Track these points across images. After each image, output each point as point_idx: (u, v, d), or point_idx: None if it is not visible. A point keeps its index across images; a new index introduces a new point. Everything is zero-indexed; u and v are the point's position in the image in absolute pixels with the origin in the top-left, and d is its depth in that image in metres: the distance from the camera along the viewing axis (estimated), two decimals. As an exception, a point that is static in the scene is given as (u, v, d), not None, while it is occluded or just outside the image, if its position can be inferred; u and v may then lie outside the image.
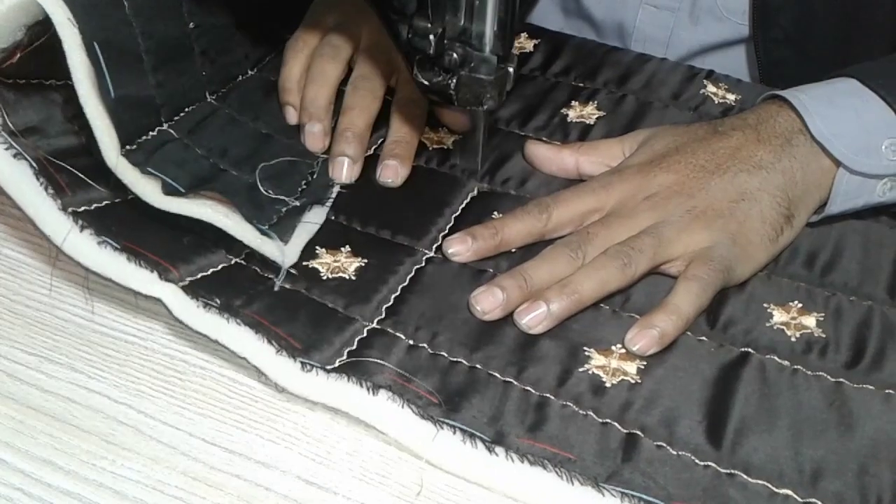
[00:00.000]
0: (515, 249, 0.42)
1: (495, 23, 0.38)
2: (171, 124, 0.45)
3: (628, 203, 0.42)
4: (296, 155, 0.46)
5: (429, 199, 0.45)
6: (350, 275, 0.39)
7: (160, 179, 0.38)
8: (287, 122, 0.50)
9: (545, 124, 0.52)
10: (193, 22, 0.46)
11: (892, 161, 0.42)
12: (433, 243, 0.42)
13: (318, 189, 0.44)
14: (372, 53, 0.49)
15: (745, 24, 0.58)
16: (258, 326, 0.35)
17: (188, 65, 0.46)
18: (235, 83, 0.52)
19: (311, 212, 0.42)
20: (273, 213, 0.41)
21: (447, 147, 0.50)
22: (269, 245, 0.38)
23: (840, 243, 0.43)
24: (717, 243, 0.39)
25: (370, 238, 0.42)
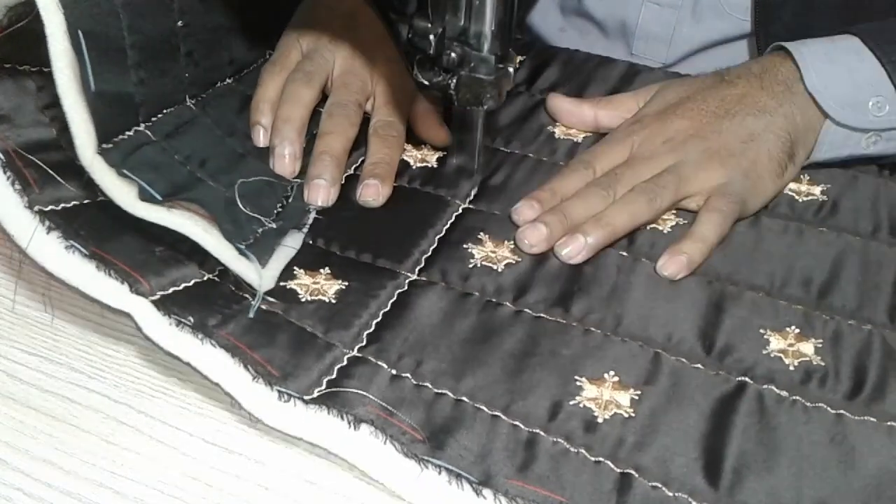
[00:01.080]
0: (519, 259, 0.41)
1: (494, 22, 0.38)
2: (149, 125, 0.43)
3: (649, 147, 0.46)
4: (272, 176, 0.44)
5: (411, 220, 0.43)
6: (330, 298, 0.37)
7: (136, 183, 0.36)
8: None
9: (531, 141, 0.51)
10: (183, 21, 0.44)
11: (876, 117, 0.45)
12: (416, 266, 0.41)
13: (295, 213, 0.42)
14: (346, 79, 0.49)
15: (747, 20, 0.59)
16: (234, 350, 0.33)
17: (172, 65, 0.44)
18: (215, 89, 0.50)
19: (289, 236, 0.40)
20: (250, 233, 0.39)
21: (431, 166, 0.48)
22: (246, 267, 0.36)
23: (838, 263, 0.42)
24: (731, 179, 0.44)
25: (350, 262, 0.40)
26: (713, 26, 0.61)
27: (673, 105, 0.48)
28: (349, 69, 0.49)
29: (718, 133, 0.45)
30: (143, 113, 0.43)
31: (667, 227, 0.44)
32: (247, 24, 0.51)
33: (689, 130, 0.46)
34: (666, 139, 0.46)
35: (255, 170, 0.44)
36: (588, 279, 0.41)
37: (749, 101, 0.46)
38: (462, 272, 0.40)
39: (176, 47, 0.44)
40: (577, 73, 0.57)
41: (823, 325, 0.39)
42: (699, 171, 0.44)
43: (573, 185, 0.45)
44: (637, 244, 0.43)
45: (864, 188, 0.47)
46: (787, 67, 0.47)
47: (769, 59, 0.49)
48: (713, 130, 0.45)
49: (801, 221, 0.45)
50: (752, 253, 0.43)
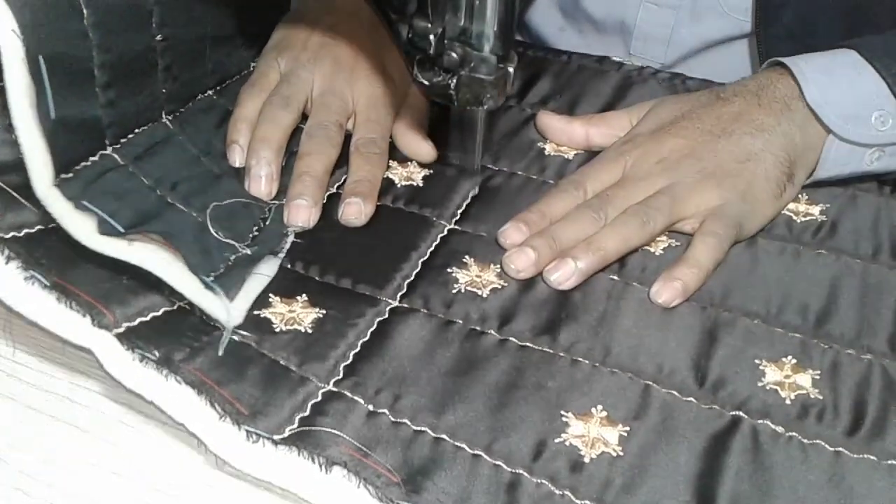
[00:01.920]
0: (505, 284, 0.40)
1: (495, 22, 0.38)
2: (117, 148, 0.41)
3: (642, 167, 0.44)
4: (249, 198, 0.43)
5: (394, 242, 0.42)
6: (306, 327, 0.36)
7: (96, 216, 0.34)
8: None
9: (521, 158, 0.49)
10: (162, 34, 0.42)
11: (880, 132, 0.44)
12: (397, 292, 0.39)
13: (272, 236, 0.41)
14: (326, 99, 0.47)
15: (747, 21, 0.58)
16: (201, 386, 0.31)
17: (148, 81, 0.43)
18: (195, 103, 0.48)
19: (263, 263, 0.38)
20: (221, 262, 0.38)
21: (416, 184, 0.47)
22: (212, 301, 0.34)
23: (836, 287, 0.41)
24: (727, 201, 0.42)
25: (329, 288, 0.39)
26: (712, 27, 0.60)
27: (667, 124, 0.46)
28: (329, 89, 0.48)
29: (714, 153, 0.44)
30: (111, 135, 0.41)
31: (658, 249, 0.43)
32: (230, 32, 0.50)
33: (683, 150, 0.44)
34: (659, 159, 0.44)
35: (231, 191, 0.43)
36: (576, 305, 0.39)
37: (746, 120, 0.45)
38: (445, 298, 0.39)
39: (153, 63, 0.43)
40: (568, 85, 0.55)
41: (821, 355, 0.37)
42: (694, 193, 0.43)
43: (563, 207, 0.43)
44: (628, 268, 0.42)
45: (864, 208, 0.46)
46: (785, 83, 0.46)
47: (766, 75, 0.47)
48: (709, 150, 0.44)
49: (798, 243, 0.44)
50: (747, 276, 0.41)
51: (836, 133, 0.44)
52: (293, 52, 0.49)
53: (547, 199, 0.44)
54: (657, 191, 0.43)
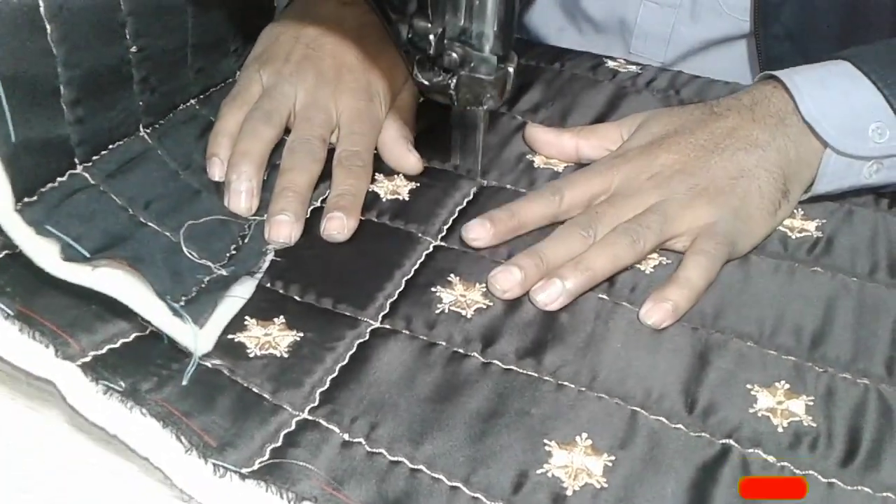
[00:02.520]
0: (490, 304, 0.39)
1: (495, 23, 0.38)
2: (88, 166, 0.40)
3: (633, 183, 0.43)
4: (228, 214, 0.42)
5: (377, 260, 0.41)
6: (282, 351, 0.35)
7: (60, 240, 0.33)
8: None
9: (510, 170, 0.48)
10: (137, 45, 0.41)
11: (878, 144, 0.43)
12: (379, 312, 0.38)
13: (250, 256, 0.40)
14: (309, 113, 0.46)
15: (746, 20, 0.58)
16: (168, 418, 0.30)
17: (123, 95, 0.41)
18: (175, 114, 0.47)
19: (239, 284, 0.37)
20: (193, 284, 0.36)
21: (402, 199, 0.45)
22: (180, 328, 0.33)
23: (831, 307, 0.39)
24: (719, 219, 0.41)
25: (308, 308, 0.38)
26: (712, 26, 0.60)
27: (659, 138, 0.45)
28: (312, 102, 0.47)
29: (707, 169, 0.43)
30: (81, 153, 0.40)
31: (649, 267, 0.42)
32: (213, 40, 0.49)
33: (675, 166, 0.43)
34: (651, 175, 0.43)
35: (209, 208, 0.41)
36: (563, 326, 0.38)
37: (740, 135, 0.44)
38: (428, 319, 0.38)
39: (128, 75, 0.41)
40: (560, 94, 0.54)
41: (816, 379, 0.36)
42: (686, 210, 0.41)
43: (535, 211, 0.43)
44: (617, 286, 0.40)
45: (860, 224, 0.45)
46: (779, 97, 0.45)
47: (760, 89, 0.46)
48: (701, 166, 0.43)
49: (793, 260, 0.42)
50: (739, 295, 0.40)
51: (834, 147, 0.43)
52: (275, 64, 0.48)
53: (520, 201, 0.43)
54: (648, 208, 0.42)
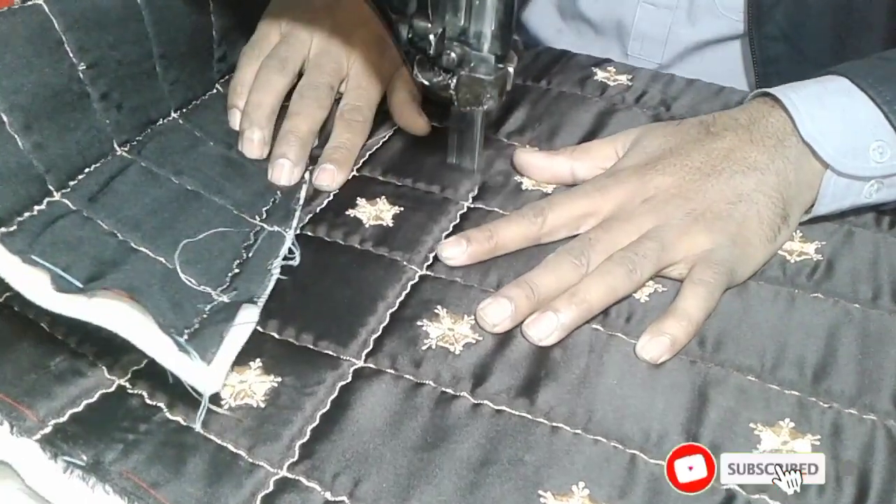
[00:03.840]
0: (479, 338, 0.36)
1: (494, 23, 0.38)
2: (66, 192, 0.38)
3: (626, 207, 0.42)
4: (228, 218, 0.40)
5: (361, 292, 0.39)
6: (259, 400, 0.33)
7: (49, 271, 0.31)
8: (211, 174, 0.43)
9: (497, 193, 0.46)
10: (85, 62, 0.39)
11: (878, 164, 0.42)
12: (363, 349, 0.36)
13: (254, 275, 0.37)
14: (320, 60, 0.48)
15: (741, 21, 0.58)
16: (134, 492, 0.28)
17: (82, 115, 0.39)
18: (155, 128, 0.45)
19: (243, 311, 0.35)
20: (195, 315, 0.34)
21: (386, 224, 0.43)
22: (188, 367, 0.30)
23: (834, 337, 0.38)
24: (717, 245, 0.40)
25: (287, 347, 0.36)
26: (708, 27, 0.60)
27: (654, 159, 0.43)
28: (325, 50, 0.48)
29: (703, 193, 0.41)
30: (53, 180, 0.37)
31: (644, 295, 0.40)
32: (185, 50, 0.46)
33: (671, 189, 0.41)
34: (645, 198, 0.41)
35: (208, 214, 0.39)
36: (556, 361, 0.36)
37: (737, 157, 0.42)
38: (414, 356, 0.36)
39: (83, 93, 0.39)
40: (547, 114, 0.52)
41: (821, 416, 0.34)
42: (682, 237, 0.40)
43: (515, 232, 0.41)
44: (611, 317, 0.39)
45: (861, 246, 0.43)
46: (776, 116, 0.43)
47: (757, 107, 0.45)
48: (697, 190, 0.41)
49: (793, 286, 0.41)
50: (739, 325, 0.38)
51: (834, 168, 0.42)
52: (295, 12, 0.49)
53: (500, 221, 0.42)
54: (643, 234, 0.40)
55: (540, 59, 0.58)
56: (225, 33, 0.50)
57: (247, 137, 0.46)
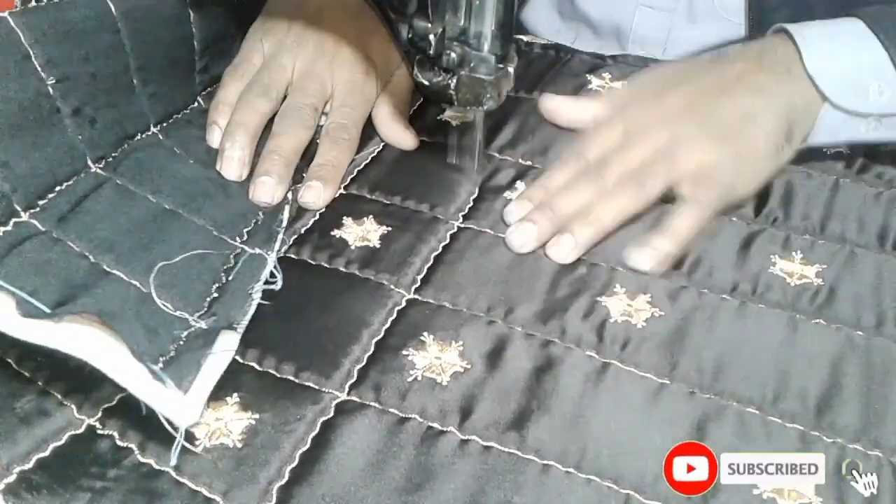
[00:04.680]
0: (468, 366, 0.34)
1: (495, 23, 0.38)
2: (36, 212, 0.37)
3: (642, 122, 0.44)
4: (207, 240, 0.38)
5: (345, 318, 0.37)
6: (235, 440, 0.31)
7: (14, 295, 0.29)
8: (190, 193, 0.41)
9: (488, 213, 0.45)
10: (55, 76, 0.37)
11: (877, 101, 0.44)
12: (346, 381, 0.34)
13: (234, 300, 0.36)
14: (304, 82, 0.48)
15: (741, 23, 0.59)
16: None
17: (52, 132, 0.38)
18: (133, 143, 0.43)
19: (221, 337, 0.33)
20: (170, 342, 0.33)
21: (372, 246, 0.42)
22: (163, 397, 0.29)
23: (838, 367, 0.36)
24: (723, 159, 0.42)
25: (267, 380, 0.34)
26: (708, 29, 0.60)
27: (669, 81, 0.46)
28: (308, 71, 0.48)
29: (714, 110, 0.44)
30: (20, 200, 0.36)
31: (640, 320, 0.38)
32: (165, 63, 0.45)
33: (683, 106, 0.44)
34: (660, 115, 0.45)
35: (186, 235, 0.38)
36: (548, 392, 0.35)
37: (747, 80, 0.45)
38: (400, 388, 0.34)
39: (52, 109, 0.37)
40: (539, 127, 0.51)
41: (824, 452, 0.33)
42: (692, 151, 0.43)
43: (566, 180, 0.44)
44: (607, 343, 0.37)
45: (864, 268, 0.42)
46: (786, 48, 0.46)
47: (769, 39, 0.47)
48: (709, 107, 0.44)
49: (794, 310, 0.39)
50: (739, 353, 0.37)
51: (832, 101, 0.44)
52: (277, 34, 0.49)
53: (550, 174, 0.44)
54: (655, 150, 0.43)
55: (533, 67, 0.57)
56: (207, 44, 0.48)
57: (227, 156, 0.44)
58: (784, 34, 0.46)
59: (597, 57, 0.58)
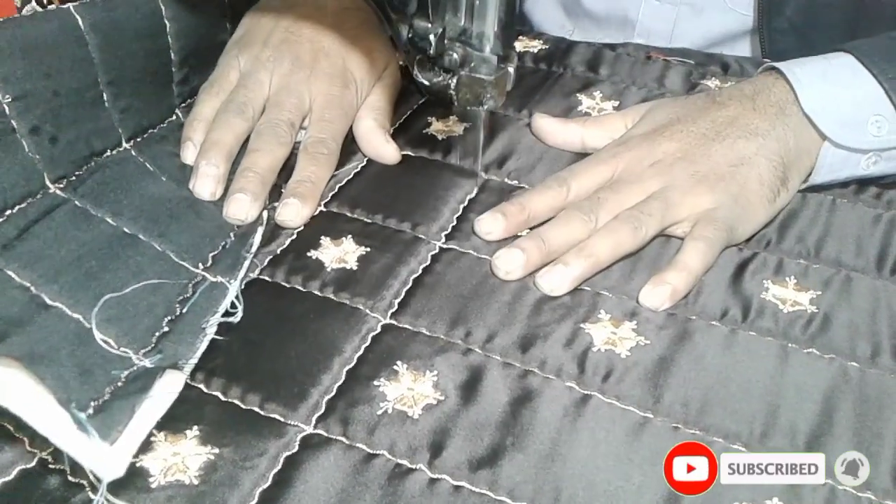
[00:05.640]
0: (441, 398, 0.33)
1: (495, 23, 0.38)
2: None
3: (635, 169, 0.43)
4: (166, 267, 0.36)
5: (316, 345, 0.36)
6: (192, 476, 0.30)
7: None
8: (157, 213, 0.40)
9: (469, 235, 0.43)
10: (10, 94, 0.36)
11: (876, 137, 0.43)
12: (313, 413, 0.33)
13: (185, 334, 0.34)
14: (280, 98, 0.47)
15: (749, 15, 0.59)
16: None
17: (5, 153, 0.36)
18: (101, 161, 0.41)
19: (162, 379, 0.32)
20: (107, 384, 0.31)
21: (349, 268, 0.40)
22: (84, 448, 0.28)
23: (831, 401, 0.35)
24: (719, 205, 0.41)
25: (230, 411, 0.33)
26: (714, 21, 0.61)
27: (661, 126, 0.45)
28: (285, 86, 0.47)
29: (707, 156, 0.43)
30: None
31: (625, 349, 0.37)
32: (137, 75, 0.43)
33: (676, 153, 0.43)
34: (653, 162, 0.43)
35: (143, 262, 0.36)
36: (524, 426, 0.33)
37: (740, 124, 0.44)
38: (369, 422, 0.33)
39: (6, 129, 0.36)
40: (526, 149, 0.49)
41: (812, 494, 0.31)
42: (686, 197, 0.42)
43: (544, 203, 0.43)
44: (588, 373, 0.36)
45: (859, 295, 0.40)
46: (780, 88, 0.45)
47: (761, 79, 0.47)
48: (702, 153, 0.43)
49: (786, 339, 0.38)
50: (726, 385, 0.35)
51: (832, 139, 0.44)
52: (253, 49, 0.48)
53: (529, 193, 0.43)
54: (649, 195, 0.42)
55: (524, 84, 0.55)
56: (185, 55, 0.47)
57: (202, 173, 0.43)
58: (776, 72, 0.46)
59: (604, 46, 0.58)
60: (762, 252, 0.42)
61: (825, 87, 0.44)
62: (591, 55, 0.58)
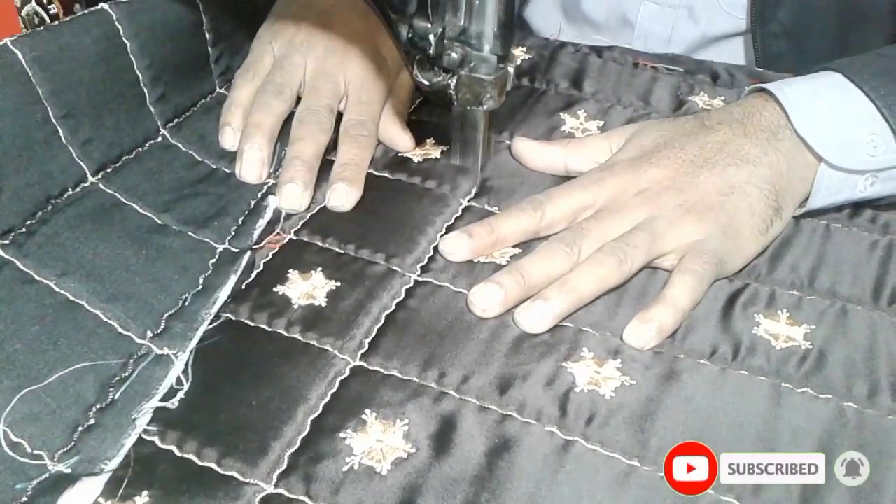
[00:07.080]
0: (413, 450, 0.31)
1: (495, 23, 0.38)
2: None
3: (620, 198, 0.41)
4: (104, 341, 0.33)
5: (280, 392, 0.34)
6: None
7: None
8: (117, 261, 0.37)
9: (447, 265, 0.41)
10: None
11: (872, 157, 0.42)
12: (274, 469, 0.31)
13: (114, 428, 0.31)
14: (317, 83, 0.47)
15: (744, 18, 0.59)
16: None
17: None
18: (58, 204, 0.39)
19: (79, 486, 0.28)
20: (9, 501, 0.28)
21: (318, 304, 0.38)
22: None
23: (826, 447, 0.33)
24: (708, 236, 0.40)
25: (185, 470, 0.30)
26: (711, 24, 0.61)
27: (648, 152, 0.43)
28: (321, 71, 0.47)
29: (696, 185, 0.41)
30: None
31: (609, 390, 0.35)
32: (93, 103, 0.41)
33: (664, 181, 0.41)
34: (639, 190, 0.41)
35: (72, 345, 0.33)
36: (501, 479, 0.31)
37: (730, 150, 0.42)
38: (334, 479, 0.31)
39: None
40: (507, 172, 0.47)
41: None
42: (674, 228, 0.40)
43: (516, 226, 0.41)
44: (570, 417, 0.34)
45: (856, 328, 0.38)
46: (770, 110, 0.43)
47: (751, 101, 0.45)
48: (690, 182, 0.41)
49: (779, 377, 0.36)
50: (716, 427, 0.33)
51: (828, 161, 0.42)
52: (287, 35, 0.49)
53: (500, 215, 0.42)
54: (635, 225, 0.40)
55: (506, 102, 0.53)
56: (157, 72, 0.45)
57: (247, 157, 0.44)
58: (766, 94, 0.44)
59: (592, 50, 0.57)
60: (753, 283, 0.40)
61: (817, 107, 0.43)
62: (577, 64, 0.56)
